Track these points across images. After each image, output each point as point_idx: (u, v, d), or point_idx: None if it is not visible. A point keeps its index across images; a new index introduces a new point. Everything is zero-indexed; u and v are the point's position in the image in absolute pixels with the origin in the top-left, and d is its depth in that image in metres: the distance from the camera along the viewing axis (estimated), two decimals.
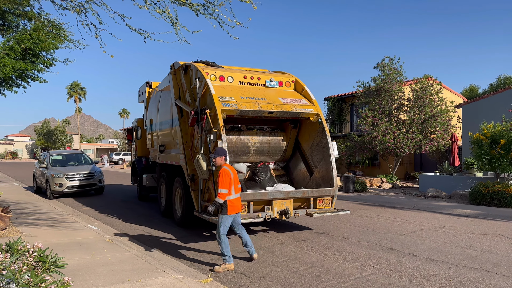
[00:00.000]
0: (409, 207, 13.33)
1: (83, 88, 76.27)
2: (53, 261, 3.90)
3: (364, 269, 6.20)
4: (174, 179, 10.25)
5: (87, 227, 9.29)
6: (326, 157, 8.85)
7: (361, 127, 21.96)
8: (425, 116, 20.12)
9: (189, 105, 9.18)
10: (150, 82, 13.74)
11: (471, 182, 15.74)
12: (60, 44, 10.18)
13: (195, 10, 5.66)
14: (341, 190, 18.48)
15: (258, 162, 9.77)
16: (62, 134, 79.49)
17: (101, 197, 16.20)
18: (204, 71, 8.79)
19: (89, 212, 12.20)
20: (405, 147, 19.97)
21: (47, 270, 3.76)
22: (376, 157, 26.28)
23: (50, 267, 3.82)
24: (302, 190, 8.40)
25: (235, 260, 6.58)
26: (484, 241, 8.07)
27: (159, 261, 6.51)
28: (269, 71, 10.89)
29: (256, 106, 8.39)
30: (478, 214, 11.65)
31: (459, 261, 6.61)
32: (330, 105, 31.25)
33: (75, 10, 6.13)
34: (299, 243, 7.97)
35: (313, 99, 9.35)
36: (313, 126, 9.38)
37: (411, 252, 7.20)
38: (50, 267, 3.82)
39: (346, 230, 9.28)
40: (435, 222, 10.41)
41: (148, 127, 13.13)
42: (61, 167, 16.78)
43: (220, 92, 8.40)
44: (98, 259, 6.39)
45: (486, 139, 14.26)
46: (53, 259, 3.93)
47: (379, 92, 21.16)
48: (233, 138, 9.40)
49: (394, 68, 21.14)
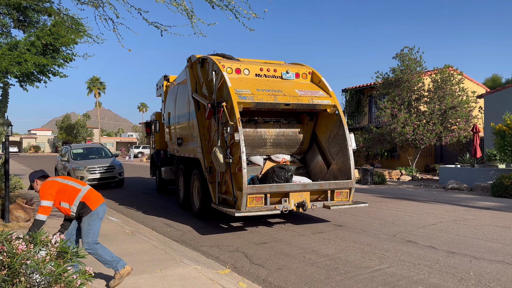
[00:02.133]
0: (428, 199, 13.14)
1: (103, 82, 77.34)
2: (75, 251, 3.98)
3: (383, 261, 6.16)
4: (192, 172, 10.33)
5: (108, 218, 9.46)
6: (344, 149, 8.75)
7: (380, 119, 21.68)
8: (445, 107, 19.73)
9: (206, 98, 9.21)
10: (168, 76, 13.82)
11: (493, 174, 15.42)
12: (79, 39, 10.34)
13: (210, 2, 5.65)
14: (359, 182, 18.33)
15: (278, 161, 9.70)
16: (82, 128, 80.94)
17: (121, 190, 16.47)
18: (220, 64, 8.78)
19: (109, 204, 12.40)
20: (425, 138, 19.64)
21: (69, 260, 3.85)
22: (395, 149, 25.94)
23: (71, 257, 3.90)
24: (319, 183, 8.36)
25: (253, 251, 6.63)
26: (506, 234, 7.91)
27: (178, 252, 6.60)
28: (285, 63, 10.82)
29: (272, 99, 8.34)
30: (500, 206, 11.41)
31: (480, 254, 6.50)
32: (348, 96, 30.92)
33: (93, 4, 6.20)
34: (317, 235, 7.96)
35: (330, 91, 9.24)
36: (330, 118, 9.29)
37: (431, 244, 7.11)
38: (72, 258, 3.90)
39: (364, 222, 9.22)
40: (455, 214, 10.25)
41: (166, 121, 13.23)
42: (82, 160, 17.10)
43: (237, 85, 8.38)
44: (119, 250, 6.51)
45: (509, 130, 13.92)
46: (75, 249, 4.02)
47: (398, 83, 20.82)
48: (249, 130, 9.38)
49: (413, 58, 20.75)
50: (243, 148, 7.49)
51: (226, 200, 8.26)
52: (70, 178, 5.18)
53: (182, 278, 5.19)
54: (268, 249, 6.91)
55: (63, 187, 4.90)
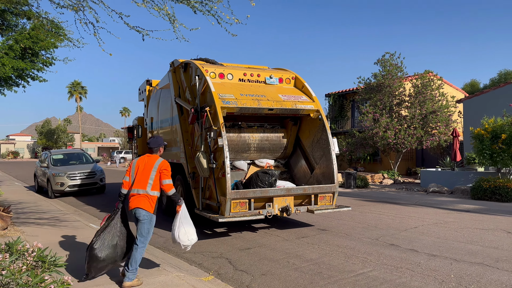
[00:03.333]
0: (410, 202, 13.30)
1: (84, 87, 76.35)
2: (53, 260, 3.89)
3: (366, 265, 6.19)
4: (175, 177, 10.23)
5: (88, 226, 9.29)
6: (327, 153, 8.81)
7: (362, 123, 21.92)
8: (426, 111, 20.07)
9: (189, 103, 9.16)
10: (150, 80, 13.71)
11: (473, 177, 15.71)
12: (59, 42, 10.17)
13: (193, 7, 5.62)
14: (343, 186, 18.45)
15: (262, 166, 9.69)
16: (63, 133, 79.56)
17: (102, 196, 16.22)
18: (203, 68, 8.75)
19: (90, 211, 12.21)
20: (406, 142, 19.93)
21: (46, 269, 3.75)
22: (378, 153, 26.24)
23: (49, 266, 3.81)
24: (303, 187, 8.38)
25: (236, 257, 6.59)
26: (486, 236, 8.05)
27: (160, 259, 6.51)
28: (269, 68, 10.86)
29: (256, 103, 8.34)
30: (480, 209, 11.63)
31: (460, 256, 6.59)
32: (331, 101, 31.21)
33: (72, 8, 6.10)
34: (301, 239, 7.96)
35: (313, 96, 9.30)
36: (313, 122, 9.34)
37: (413, 247, 7.19)
38: (50, 267, 3.81)
39: (348, 226, 9.27)
40: (436, 217, 10.39)
41: (148, 126, 13.13)
42: (62, 166, 16.79)
43: (220, 90, 8.35)
44: None
45: (487, 134, 14.22)
46: (53, 258, 3.93)
47: (380, 88, 21.11)
48: (233, 135, 9.35)
49: (394, 63, 21.09)
50: (226, 153, 7.47)
51: (210, 206, 8.20)
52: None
53: (164, 286, 5.12)
54: (252, 255, 6.88)
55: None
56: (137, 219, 5.16)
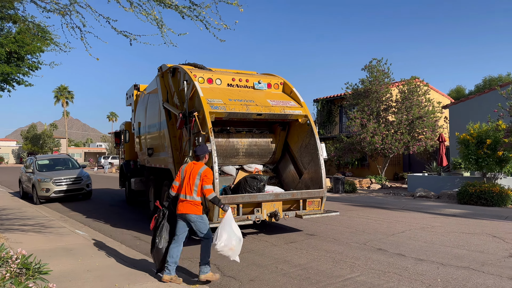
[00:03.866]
0: (398, 207, 13.41)
1: (71, 91, 75.66)
2: (37, 267, 3.82)
3: (354, 270, 6.21)
4: (162, 183, 10.17)
5: (74, 232, 9.17)
6: (315, 158, 8.85)
7: (350, 129, 22.08)
8: (412, 117, 20.29)
9: (177, 108, 9.12)
10: (138, 85, 13.62)
11: (459, 182, 15.91)
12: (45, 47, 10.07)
13: (180, 13, 5.62)
14: (331, 191, 18.53)
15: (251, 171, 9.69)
16: (49, 138, 78.47)
17: (89, 202, 16.02)
18: (192, 73, 8.74)
19: (76, 217, 12.05)
20: (393, 147, 20.11)
21: (31, 277, 3.68)
22: (365, 158, 26.42)
23: (34, 274, 3.74)
24: (291, 192, 8.40)
25: (225, 262, 6.55)
26: (472, 240, 8.15)
27: (147, 266, 6.44)
28: (257, 73, 10.88)
29: (244, 108, 8.35)
30: (466, 213, 11.77)
31: (447, 260, 6.66)
32: (319, 107, 31.36)
33: (59, 12, 6.04)
34: (289, 245, 7.95)
35: (302, 101, 9.35)
36: (302, 127, 9.37)
37: (400, 252, 7.23)
38: (34, 274, 3.74)
39: (336, 231, 9.30)
40: (423, 222, 10.49)
41: (136, 130, 13.00)
42: (47, 171, 16.56)
43: (209, 95, 8.35)
44: (85, 265, 6.30)
45: (472, 139, 14.43)
46: (37, 265, 3.86)
47: (367, 94, 21.29)
48: (222, 140, 9.34)
49: (381, 69, 21.29)
50: (215, 158, 7.46)
51: None
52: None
53: None
54: (240, 260, 6.82)
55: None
56: (188, 222, 5.69)
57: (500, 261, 6.57)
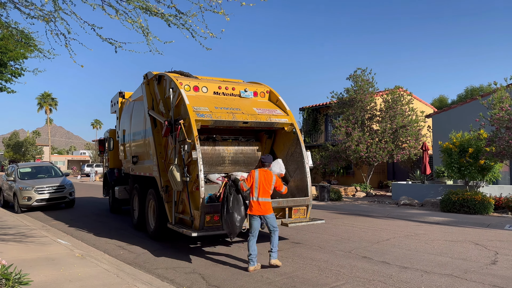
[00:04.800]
0: (382, 215, 13.52)
1: (54, 98, 74.67)
2: (18, 278, 3.74)
3: (339, 278, 6.22)
4: (147, 191, 10.07)
5: (56, 241, 8.99)
6: (301, 166, 8.88)
7: (336, 137, 22.25)
8: (396, 126, 20.57)
9: (163, 116, 9.08)
10: (123, 92, 13.51)
11: (442, 190, 16.13)
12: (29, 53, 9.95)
13: (167, 21, 5.62)
14: (317, 199, 18.59)
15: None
16: (31, 145, 77.12)
17: (72, 211, 15.75)
18: (178, 81, 8.72)
19: (59, 226, 11.83)
20: (378, 156, 20.32)
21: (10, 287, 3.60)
22: (350, 166, 26.62)
23: (14, 284, 3.66)
24: (277, 200, 8.37)
25: (210, 272, 6.50)
26: (455, 248, 8.25)
27: (131, 275, 6.35)
28: (244, 81, 10.92)
29: (231, 116, 8.35)
30: (449, 221, 11.93)
31: (430, 268, 6.72)
32: (305, 115, 31.56)
33: (43, 19, 5.99)
34: None
35: (288, 109, 9.40)
36: (287, 136, 9.41)
37: (385, 260, 7.28)
38: (14, 285, 3.66)
39: (321, 239, 9.31)
40: (407, 229, 10.59)
41: (120, 138, 12.88)
42: (29, 180, 16.26)
43: (194, 103, 8.34)
44: (67, 275, 6.18)
45: (455, 148, 14.68)
46: (18, 276, 3.77)
47: (352, 103, 21.53)
48: (208, 148, 9.31)
49: (366, 79, 21.58)
50: (200, 166, 7.43)
51: (183, 220, 8.11)
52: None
53: None
54: (226, 270, 6.80)
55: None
56: (266, 220, 6.84)
57: (482, 269, 6.67)
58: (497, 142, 13.06)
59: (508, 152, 12.79)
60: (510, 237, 9.49)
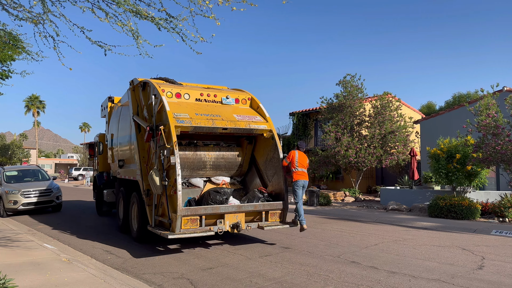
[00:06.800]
0: (371, 220, 13.59)
1: (42, 101, 73.80)
2: (2, 283, 3.67)
3: (327, 283, 6.23)
4: (131, 194, 10.21)
5: (42, 246, 8.87)
6: (279, 172, 9.18)
7: (325, 142, 22.35)
8: (385, 131, 20.73)
9: (146, 121, 9.29)
10: (112, 97, 13.62)
11: (430, 195, 16.27)
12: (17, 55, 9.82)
13: (157, 24, 5.60)
14: (306, 204, 18.64)
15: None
16: (18, 148, 75.90)
17: (59, 215, 15.56)
18: (160, 88, 8.94)
19: (45, 230, 11.67)
20: (367, 161, 20.44)
21: None
22: (340, 171, 26.74)
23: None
24: (253, 204, 8.65)
25: (198, 277, 6.46)
26: (442, 253, 8.32)
27: (118, 280, 6.28)
28: (228, 88, 11.17)
29: (210, 123, 8.56)
30: (436, 226, 12.03)
31: (418, 273, 6.77)
32: (295, 120, 31.64)
33: (32, 21, 5.93)
34: (264, 258, 7.93)
35: (267, 116, 9.67)
36: (267, 142, 9.66)
37: (373, 265, 7.31)
38: None
39: (310, 244, 9.33)
40: (396, 235, 10.65)
41: (109, 142, 13.00)
42: (16, 183, 16.05)
43: (175, 109, 8.56)
44: (53, 280, 6.09)
45: (443, 153, 14.83)
46: (2, 281, 3.71)
47: (342, 108, 21.66)
48: (189, 153, 9.53)
49: (355, 85, 21.74)
50: (178, 170, 7.65)
51: (162, 223, 8.30)
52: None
53: None
54: (215, 275, 6.77)
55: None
56: (303, 186, 9.10)
57: (469, 273, 6.73)
58: (483, 148, 13.24)
59: (494, 158, 12.97)
60: (496, 242, 9.61)
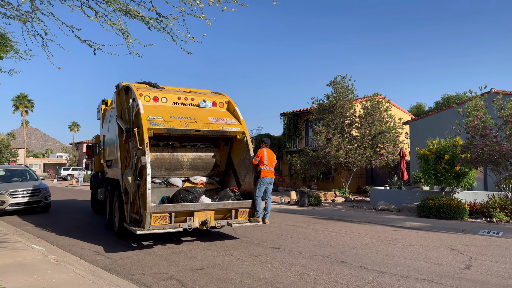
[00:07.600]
0: (361, 220, 13.66)
1: (31, 100, 72.98)
2: None
3: (317, 283, 6.25)
4: (114, 193, 10.61)
5: (30, 247, 8.76)
6: (250, 172, 9.59)
7: (316, 142, 22.43)
8: (375, 132, 20.87)
9: (127, 123, 9.62)
10: (106, 100, 13.80)
11: (419, 195, 16.41)
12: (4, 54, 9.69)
13: (147, 24, 5.57)
14: (297, 204, 18.68)
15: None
16: (6, 148, 74.87)
17: (47, 215, 15.40)
18: (138, 92, 9.31)
19: (33, 231, 11.54)
20: (357, 162, 20.56)
21: None
22: (330, 172, 26.86)
23: None
24: (222, 202, 9.04)
25: (188, 278, 6.43)
26: (431, 253, 8.40)
27: (107, 282, 6.23)
28: (211, 92, 11.46)
29: (183, 125, 8.88)
30: (425, 226, 12.13)
31: (407, 273, 6.82)
32: (286, 120, 31.71)
33: (20, 19, 5.86)
34: (254, 258, 7.93)
35: (241, 119, 9.99)
36: (240, 143, 10.03)
37: (362, 265, 7.35)
38: None
39: (301, 244, 9.35)
40: (385, 234, 10.72)
41: (102, 143, 13.48)
42: (3, 183, 15.87)
43: (151, 112, 8.91)
44: (41, 281, 6.02)
45: (431, 154, 14.97)
46: None
47: (332, 109, 21.77)
48: (166, 154, 9.99)
49: (346, 86, 21.86)
50: (148, 170, 7.98)
51: (137, 219, 8.63)
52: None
53: None
54: (205, 275, 6.75)
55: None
56: (269, 183, 9.22)
57: (457, 273, 6.80)
58: (472, 149, 13.39)
59: (482, 159, 13.13)
60: (483, 242, 9.73)
